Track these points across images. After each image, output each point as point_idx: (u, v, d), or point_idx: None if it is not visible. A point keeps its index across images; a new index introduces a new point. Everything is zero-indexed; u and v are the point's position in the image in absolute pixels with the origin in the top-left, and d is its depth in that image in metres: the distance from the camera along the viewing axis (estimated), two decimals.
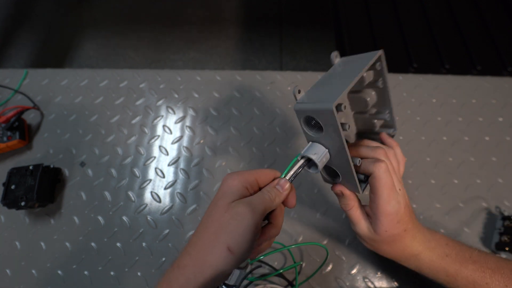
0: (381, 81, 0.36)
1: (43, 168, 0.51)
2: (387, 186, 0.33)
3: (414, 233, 0.36)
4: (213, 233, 0.29)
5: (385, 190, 0.33)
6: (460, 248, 0.37)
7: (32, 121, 0.59)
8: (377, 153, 0.35)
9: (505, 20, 0.98)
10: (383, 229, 0.35)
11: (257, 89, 0.63)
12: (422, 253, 0.36)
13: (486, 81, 0.66)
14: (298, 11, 1.83)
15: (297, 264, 0.47)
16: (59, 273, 0.47)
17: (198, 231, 0.30)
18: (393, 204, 0.33)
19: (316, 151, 0.32)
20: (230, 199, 0.30)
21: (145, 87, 0.63)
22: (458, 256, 0.36)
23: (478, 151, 0.59)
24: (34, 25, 1.78)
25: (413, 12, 1.01)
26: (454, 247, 0.37)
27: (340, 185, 0.37)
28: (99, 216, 0.51)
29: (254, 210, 0.29)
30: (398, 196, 0.34)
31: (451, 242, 0.38)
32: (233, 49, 1.71)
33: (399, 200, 0.34)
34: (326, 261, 0.46)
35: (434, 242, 0.37)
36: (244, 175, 0.32)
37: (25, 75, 0.64)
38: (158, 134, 0.58)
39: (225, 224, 0.28)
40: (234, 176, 0.32)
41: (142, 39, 1.74)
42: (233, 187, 0.31)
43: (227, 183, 0.31)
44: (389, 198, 0.33)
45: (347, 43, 0.95)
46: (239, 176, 0.31)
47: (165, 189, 0.54)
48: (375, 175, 0.33)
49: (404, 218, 0.35)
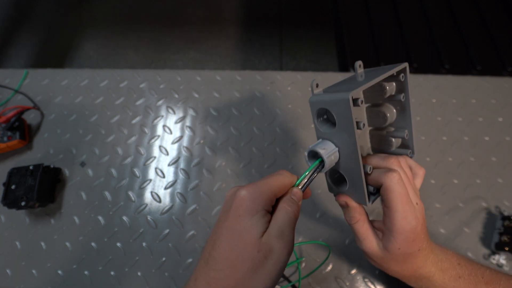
0: (403, 95, 0.33)
1: (43, 168, 0.51)
2: (402, 199, 0.30)
3: (427, 252, 0.33)
4: (247, 276, 0.26)
5: (400, 203, 0.30)
6: (472, 268, 0.35)
7: (32, 121, 0.59)
8: (390, 163, 0.32)
9: (505, 20, 0.98)
10: (396, 246, 0.31)
11: (257, 89, 0.63)
12: (434, 275, 0.34)
13: (486, 81, 0.66)
14: (298, 11, 1.83)
15: (300, 259, 0.47)
16: (59, 273, 0.47)
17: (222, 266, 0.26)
18: (410, 219, 0.30)
19: (325, 147, 0.30)
20: (258, 233, 0.26)
21: (145, 87, 0.63)
22: (471, 277, 0.34)
23: (478, 151, 0.59)
24: (34, 25, 1.78)
25: (413, 12, 1.01)
26: (466, 267, 0.35)
27: (345, 195, 0.34)
28: (99, 216, 0.51)
29: (288, 242, 0.27)
30: (415, 211, 0.30)
31: (462, 262, 0.35)
32: (233, 49, 1.71)
33: (417, 216, 0.30)
34: (328, 258, 0.46)
35: (447, 263, 0.34)
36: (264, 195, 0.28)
37: (25, 75, 0.64)
38: (158, 134, 0.59)
39: (260, 264, 0.26)
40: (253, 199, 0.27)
41: (142, 39, 1.74)
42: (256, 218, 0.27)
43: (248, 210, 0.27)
44: (406, 213, 0.30)
45: (347, 43, 0.95)
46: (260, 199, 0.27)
47: (165, 189, 0.54)
48: (387, 185, 0.30)
49: (420, 236, 0.31)
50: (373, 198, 0.33)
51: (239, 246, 0.26)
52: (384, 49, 0.93)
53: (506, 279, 0.35)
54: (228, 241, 0.27)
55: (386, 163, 0.32)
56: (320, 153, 0.30)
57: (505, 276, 0.35)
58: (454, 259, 0.35)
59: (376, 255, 0.34)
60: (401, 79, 0.33)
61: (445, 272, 0.34)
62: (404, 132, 0.35)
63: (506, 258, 0.48)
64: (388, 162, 0.32)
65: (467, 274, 0.34)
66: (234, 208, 0.27)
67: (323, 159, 0.30)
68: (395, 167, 0.31)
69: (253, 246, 0.26)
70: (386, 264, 0.34)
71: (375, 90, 0.35)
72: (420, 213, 0.31)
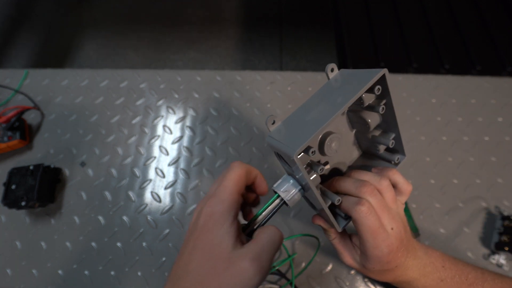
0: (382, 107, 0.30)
1: (44, 168, 0.51)
2: (372, 231, 0.30)
3: (408, 263, 0.33)
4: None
5: (370, 236, 0.30)
6: (456, 270, 0.35)
7: (33, 121, 0.59)
8: (362, 191, 0.30)
9: (505, 20, 0.98)
10: (371, 266, 0.33)
11: (257, 89, 0.63)
12: (416, 280, 0.35)
13: (486, 81, 0.66)
14: (298, 11, 1.83)
15: (293, 256, 0.47)
16: (60, 273, 0.47)
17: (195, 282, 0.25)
18: (382, 248, 0.30)
19: (287, 188, 0.30)
20: (227, 246, 0.25)
21: (145, 87, 0.63)
22: (454, 280, 0.35)
23: (478, 151, 0.59)
24: (34, 25, 1.78)
25: (413, 12, 1.01)
26: (450, 269, 0.35)
27: (318, 217, 0.35)
28: (100, 216, 0.51)
29: (263, 268, 0.25)
30: (388, 239, 0.30)
31: (448, 264, 0.36)
32: (233, 49, 1.71)
33: (390, 243, 0.30)
34: (318, 249, 0.46)
35: (430, 267, 0.35)
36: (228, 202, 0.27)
37: (26, 75, 0.64)
38: (158, 134, 0.59)
39: (226, 284, 0.24)
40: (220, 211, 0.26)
41: (142, 39, 1.74)
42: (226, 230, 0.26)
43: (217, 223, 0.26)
44: (377, 243, 0.30)
45: (347, 43, 0.95)
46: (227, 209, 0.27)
47: (165, 189, 0.54)
48: (356, 219, 0.30)
49: (396, 255, 0.31)
50: (344, 224, 0.33)
51: (210, 262, 0.25)
52: (384, 49, 0.93)
53: (492, 279, 0.35)
54: (198, 258, 0.26)
55: (358, 191, 0.31)
56: (282, 196, 0.30)
57: (491, 276, 0.36)
58: (439, 262, 0.36)
59: (355, 267, 0.36)
60: (376, 92, 0.29)
61: (428, 276, 0.35)
62: (389, 140, 0.33)
63: (506, 258, 0.48)
64: (360, 191, 0.30)
65: (450, 277, 0.35)
66: (202, 225, 0.27)
67: (285, 201, 0.30)
68: (367, 196, 0.30)
69: (223, 262, 0.25)
70: (365, 273, 0.36)
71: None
72: (395, 238, 0.30)
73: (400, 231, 0.31)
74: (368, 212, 0.29)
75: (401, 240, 0.31)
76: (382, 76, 0.28)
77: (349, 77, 0.30)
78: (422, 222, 0.51)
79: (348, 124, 0.35)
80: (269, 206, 0.31)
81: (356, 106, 0.32)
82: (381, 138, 0.34)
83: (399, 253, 0.31)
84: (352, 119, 0.35)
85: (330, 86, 0.31)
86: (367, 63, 0.91)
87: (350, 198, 0.31)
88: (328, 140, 0.31)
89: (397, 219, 0.31)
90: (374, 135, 0.35)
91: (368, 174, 0.33)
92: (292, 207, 0.35)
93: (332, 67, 0.31)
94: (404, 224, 0.33)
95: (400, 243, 0.31)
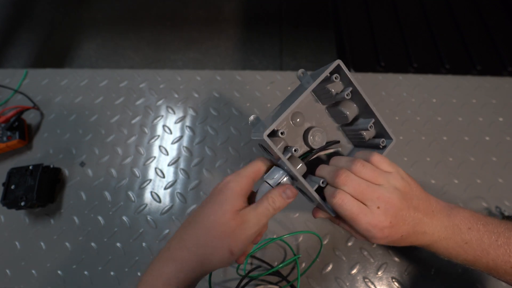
0: (347, 93, 0.33)
1: (43, 168, 0.51)
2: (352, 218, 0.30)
3: (422, 228, 0.32)
4: (218, 237, 0.30)
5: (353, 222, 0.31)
6: (485, 232, 0.32)
7: (32, 121, 0.59)
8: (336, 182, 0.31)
9: (505, 20, 0.98)
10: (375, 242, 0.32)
11: (257, 89, 0.63)
12: (436, 243, 0.33)
13: (486, 81, 0.66)
14: (298, 11, 1.83)
15: (297, 256, 0.47)
16: (59, 273, 0.47)
17: (198, 227, 0.32)
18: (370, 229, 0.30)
19: (274, 176, 0.33)
20: (237, 206, 0.31)
21: (145, 87, 0.63)
22: (481, 241, 0.32)
23: (478, 151, 0.58)
24: (34, 25, 1.78)
25: (413, 12, 1.01)
26: (478, 230, 0.33)
27: (317, 210, 0.36)
28: (99, 216, 0.51)
29: (260, 221, 0.31)
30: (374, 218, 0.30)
31: (476, 225, 0.33)
32: (233, 49, 1.70)
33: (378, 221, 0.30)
34: (321, 249, 0.46)
35: (452, 230, 0.33)
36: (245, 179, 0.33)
37: (25, 75, 0.64)
38: (158, 134, 0.58)
39: (231, 231, 0.30)
40: (237, 181, 0.33)
41: (142, 39, 1.74)
42: (237, 194, 0.32)
43: (231, 188, 0.32)
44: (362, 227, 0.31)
45: (347, 43, 0.95)
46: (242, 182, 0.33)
47: (165, 189, 0.54)
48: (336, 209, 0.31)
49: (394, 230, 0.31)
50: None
51: (218, 212, 0.31)
52: (384, 49, 0.92)
53: None
54: (209, 209, 0.32)
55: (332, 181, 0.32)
56: (269, 183, 0.33)
57: None
58: (464, 224, 0.33)
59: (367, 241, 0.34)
60: (334, 79, 0.33)
61: (448, 239, 0.33)
62: (368, 124, 0.35)
63: None
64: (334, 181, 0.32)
65: (476, 238, 0.32)
66: (219, 188, 0.33)
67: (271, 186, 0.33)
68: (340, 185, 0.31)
69: (230, 214, 0.31)
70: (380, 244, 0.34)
71: (324, 93, 0.35)
72: (384, 214, 0.30)
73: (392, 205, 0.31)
74: (342, 202, 0.31)
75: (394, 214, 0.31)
76: (339, 66, 0.32)
77: (316, 75, 0.34)
78: None
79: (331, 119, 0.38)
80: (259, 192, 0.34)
81: (329, 99, 0.36)
82: (360, 124, 0.36)
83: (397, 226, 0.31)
84: (333, 115, 0.38)
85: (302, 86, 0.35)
86: (367, 63, 0.91)
87: (328, 188, 0.33)
88: (310, 134, 0.35)
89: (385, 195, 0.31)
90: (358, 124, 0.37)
91: (342, 159, 0.34)
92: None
93: (302, 71, 0.35)
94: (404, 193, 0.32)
95: (394, 217, 0.31)
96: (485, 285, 0.47)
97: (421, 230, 0.32)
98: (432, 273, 0.47)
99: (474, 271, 0.47)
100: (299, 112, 0.36)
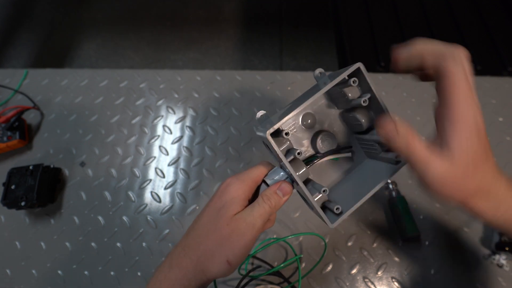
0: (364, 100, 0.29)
1: (43, 168, 0.51)
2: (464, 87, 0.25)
3: (495, 169, 0.26)
4: (216, 244, 0.30)
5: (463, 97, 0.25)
6: None
7: (32, 121, 0.59)
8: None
9: (505, 20, 0.98)
10: (463, 145, 0.24)
11: (257, 89, 0.63)
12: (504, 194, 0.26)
13: (486, 81, 0.66)
14: (298, 11, 1.83)
15: (298, 256, 0.47)
16: (59, 273, 0.47)
17: (197, 235, 0.31)
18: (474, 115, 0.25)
19: (274, 177, 0.32)
20: (232, 210, 0.30)
21: (145, 87, 0.63)
22: None
23: None
24: (34, 25, 1.78)
25: (413, 12, 1.01)
26: None
27: (388, 122, 0.27)
28: (99, 216, 0.51)
29: (254, 226, 0.30)
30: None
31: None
32: (233, 49, 1.70)
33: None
34: (325, 251, 0.46)
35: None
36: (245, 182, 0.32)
37: (25, 75, 0.64)
38: (158, 134, 0.58)
39: (227, 238, 0.29)
40: (236, 184, 0.32)
41: (142, 39, 1.74)
42: (235, 198, 0.31)
43: (230, 192, 0.31)
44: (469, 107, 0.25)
45: (347, 43, 0.95)
46: (242, 185, 0.32)
47: (165, 189, 0.54)
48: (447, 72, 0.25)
49: (482, 134, 0.25)
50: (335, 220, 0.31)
51: (216, 219, 0.30)
52: (384, 49, 0.92)
53: None
54: (208, 215, 0.31)
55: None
56: (268, 184, 0.32)
57: None
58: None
59: (443, 175, 0.25)
60: (352, 83, 0.29)
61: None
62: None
63: (507, 258, 0.48)
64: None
65: None
66: (219, 192, 0.32)
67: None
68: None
69: (225, 220, 0.30)
70: (451, 181, 0.25)
71: (339, 96, 0.32)
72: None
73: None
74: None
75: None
76: (359, 70, 0.29)
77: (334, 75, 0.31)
78: (422, 222, 0.51)
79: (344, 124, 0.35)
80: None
81: (344, 104, 0.33)
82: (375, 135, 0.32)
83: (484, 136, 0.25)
84: (346, 120, 0.35)
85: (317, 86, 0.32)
86: (367, 63, 0.91)
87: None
88: (319, 138, 0.33)
89: None
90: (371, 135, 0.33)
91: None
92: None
93: (320, 71, 0.32)
94: None
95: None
96: (485, 285, 0.47)
97: (495, 170, 0.26)
98: (432, 273, 0.47)
99: (474, 271, 0.47)
100: (311, 114, 0.34)
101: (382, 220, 0.51)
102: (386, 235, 0.50)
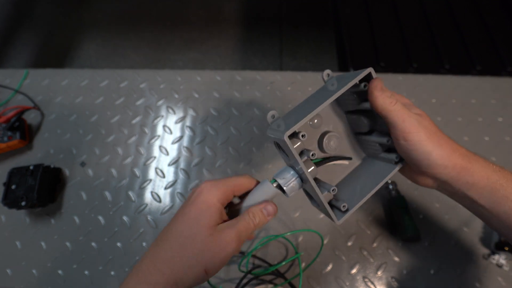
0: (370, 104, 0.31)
1: (44, 168, 0.51)
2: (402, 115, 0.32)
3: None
4: (194, 254, 0.28)
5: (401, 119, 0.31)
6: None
7: (33, 121, 0.59)
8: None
9: (505, 20, 0.98)
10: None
11: (257, 89, 0.63)
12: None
13: (486, 81, 0.66)
14: (298, 11, 1.83)
15: (299, 254, 0.47)
16: (60, 273, 0.47)
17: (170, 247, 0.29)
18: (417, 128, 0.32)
19: (285, 176, 0.32)
20: (213, 220, 0.29)
21: (145, 87, 0.63)
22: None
23: (478, 151, 0.59)
24: (34, 25, 1.78)
25: (413, 12, 1.01)
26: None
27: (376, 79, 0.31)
28: (100, 216, 0.51)
29: (240, 238, 0.29)
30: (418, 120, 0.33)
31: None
32: (233, 49, 1.71)
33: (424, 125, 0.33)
34: (322, 247, 0.46)
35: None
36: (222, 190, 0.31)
37: (26, 75, 0.64)
38: (158, 134, 0.59)
39: (208, 247, 0.28)
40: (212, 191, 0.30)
41: (142, 39, 1.74)
42: (212, 207, 0.30)
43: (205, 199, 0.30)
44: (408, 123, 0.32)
45: (347, 43, 0.95)
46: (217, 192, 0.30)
47: (165, 189, 0.54)
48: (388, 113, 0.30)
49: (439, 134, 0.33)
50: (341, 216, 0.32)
51: (194, 228, 0.29)
52: (384, 49, 0.93)
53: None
54: (183, 224, 0.29)
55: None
56: (280, 183, 0.32)
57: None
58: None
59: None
60: (363, 87, 0.31)
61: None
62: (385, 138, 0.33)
63: (506, 258, 0.48)
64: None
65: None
66: (193, 198, 0.30)
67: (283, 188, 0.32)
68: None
69: (207, 230, 0.28)
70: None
71: (348, 99, 0.34)
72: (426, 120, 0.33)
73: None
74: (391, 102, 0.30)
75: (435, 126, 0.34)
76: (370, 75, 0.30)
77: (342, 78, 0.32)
78: (422, 222, 0.51)
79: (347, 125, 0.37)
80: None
81: (351, 106, 0.34)
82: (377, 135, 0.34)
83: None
84: (350, 121, 0.36)
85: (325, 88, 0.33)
86: (367, 63, 0.91)
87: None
88: (326, 138, 0.33)
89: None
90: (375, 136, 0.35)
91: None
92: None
93: (328, 72, 0.33)
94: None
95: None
96: (484, 284, 0.47)
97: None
98: (432, 273, 0.47)
99: (473, 271, 0.47)
100: (319, 114, 0.34)
101: (382, 220, 0.51)
102: (386, 235, 0.50)
